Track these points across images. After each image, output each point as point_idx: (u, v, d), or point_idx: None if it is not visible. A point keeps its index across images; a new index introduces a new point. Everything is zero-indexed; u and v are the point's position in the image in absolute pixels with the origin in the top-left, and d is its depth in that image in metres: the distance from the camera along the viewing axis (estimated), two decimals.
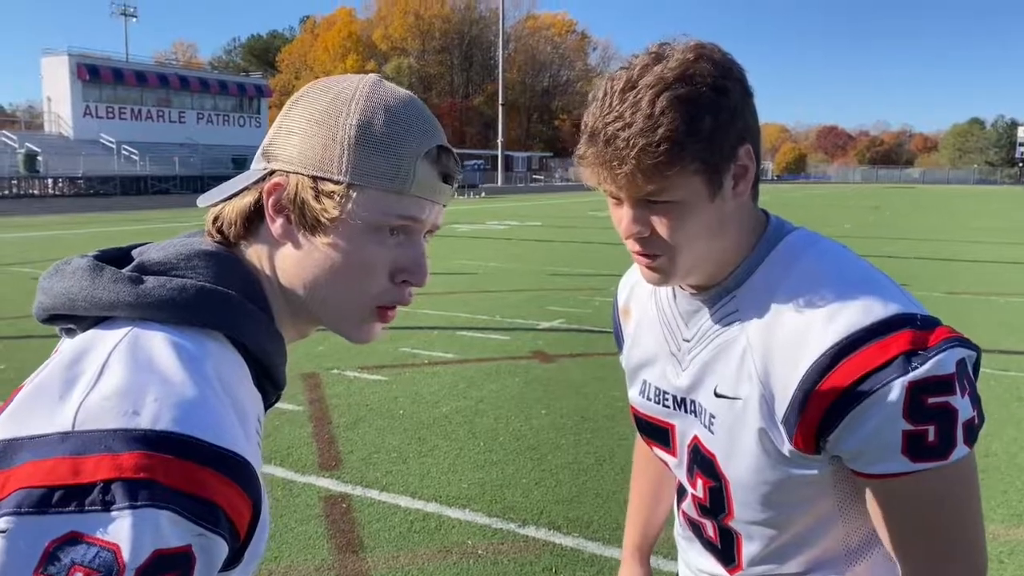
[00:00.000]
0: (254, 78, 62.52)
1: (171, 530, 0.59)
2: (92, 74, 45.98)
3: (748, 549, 1.05)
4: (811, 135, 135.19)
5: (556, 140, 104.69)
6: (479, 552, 3.11)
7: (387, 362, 6.04)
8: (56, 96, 46.36)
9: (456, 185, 0.81)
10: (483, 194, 46.63)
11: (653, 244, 0.93)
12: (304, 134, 0.76)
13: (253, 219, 0.78)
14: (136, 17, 69.81)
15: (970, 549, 0.90)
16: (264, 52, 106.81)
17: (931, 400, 0.84)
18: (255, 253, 0.79)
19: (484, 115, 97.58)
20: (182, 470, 0.60)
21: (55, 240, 16.26)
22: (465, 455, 4.13)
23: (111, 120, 46.65)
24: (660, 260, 0.94)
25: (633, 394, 1.18)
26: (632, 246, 0.95)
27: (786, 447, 0.92)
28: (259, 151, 0.82)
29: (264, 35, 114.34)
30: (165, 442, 0.60)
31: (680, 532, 1.20)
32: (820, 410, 0.88)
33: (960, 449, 0.85)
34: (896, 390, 0.83)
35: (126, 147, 43.68)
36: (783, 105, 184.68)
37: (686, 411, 1.06)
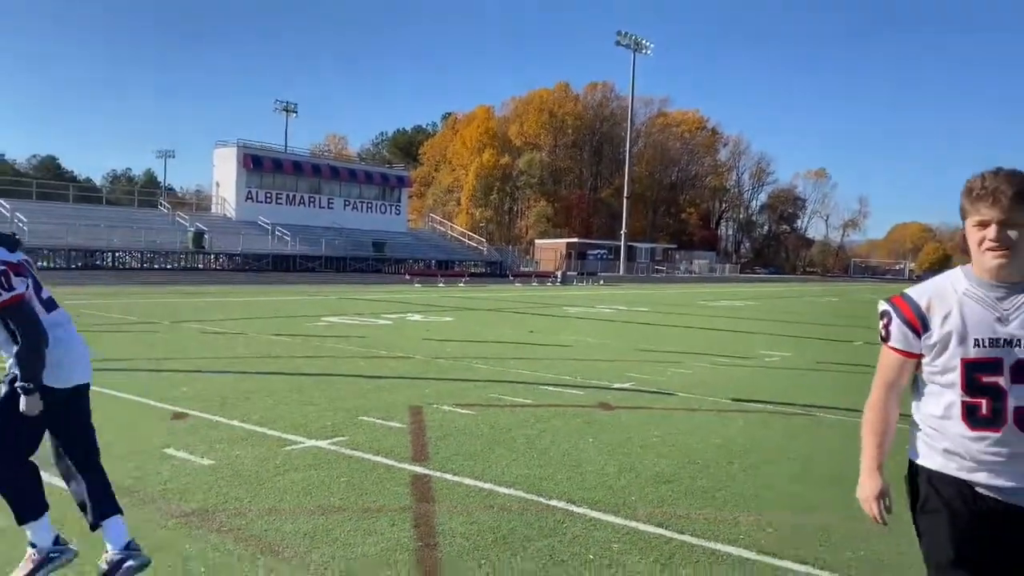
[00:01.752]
0: (396, 170, 67.46)
1: None
2: (255, 163, 51.58)
3: None
4: (956, 236, 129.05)
5: (682, 232, 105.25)
6: (512, 508, 4.34)
7: (477, 402, 7.40)
8: (224, 182, 52.16)
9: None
10: (602, 282, 47.99)
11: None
12: None
13: None
14: (296, 113, 77.55)
15: None
16: (408, 145, 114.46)
17: None
18: None
19: (611, 207, 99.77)
20: None
21: (217, 305, 18.92)
22: (520, 460, 5.39)
23: (269, 204, 51.84)
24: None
25: (964, 351, 2.00)
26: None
27: None
28: None
29: (409, 130, 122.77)
30: None
31: (964, 431, 2.01)
32: None
33: None
34: None
35: (280, 228, 48.32)
36: (927, 204, 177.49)
37: (1011, 346, 1.98)
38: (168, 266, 42.17)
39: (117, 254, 41.23)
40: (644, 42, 71.01)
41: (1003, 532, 1.99)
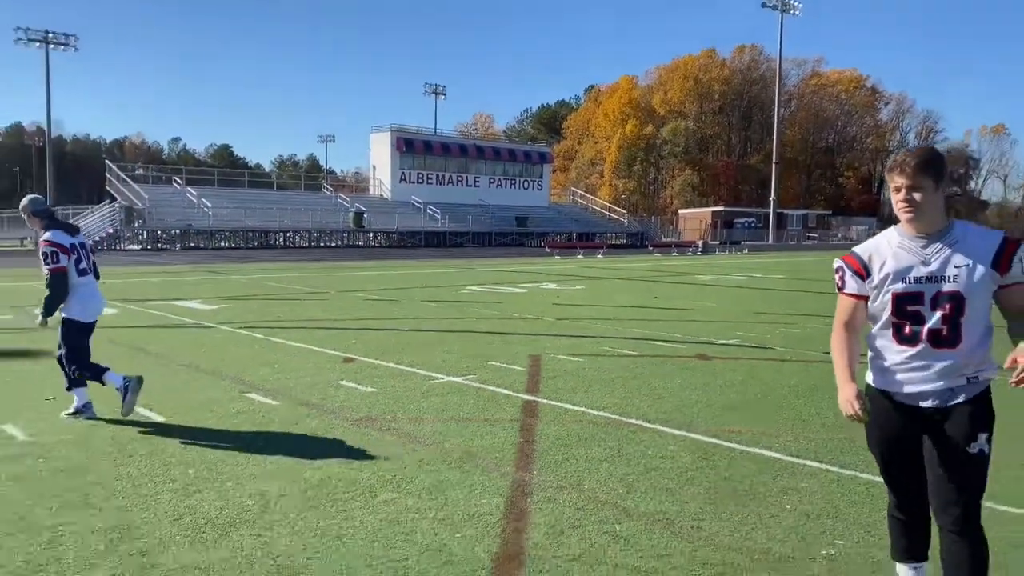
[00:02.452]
0: (538, 146, 68.90)
1: None
2: (407, 146, 54.65)
3: (967, 339, 2.58)
4: None
5: (839, 197, 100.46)
6: (596, 423, 5.56)
7: (587, 352, 8.63)
8: (379, 164, 55.65)
9: None
10: (745, 251, 47.43)
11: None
12: None
13: None
14: (444, 95, 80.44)
15: None
16: (552, 120, 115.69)
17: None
18: None
19: (760, 173, 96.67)
20: None
21: (376, 277, 21.13)
22: (613, 393, 6.58)
23: (420, 184, 54.87)
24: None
25: (895, 288, 2.63)
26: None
27: (994, 275, 2.51)
28: None
29: (552, 104, 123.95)
30: None
31: (901, 352, 2.67)
32: (1008, 258, 2.51)
33: None
34: (1022, 252, 2.50)
35: (431, 207, 51.14)
36: None
37: (938, 280, 2.56)
38: (332, 244, 45.90)
39: (287, 234, 45.33)
40: (792, 2, 68.19)
41: (908, 425, 2.72)
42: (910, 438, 2.71)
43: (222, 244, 41.79)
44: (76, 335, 5.73)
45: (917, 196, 2.60)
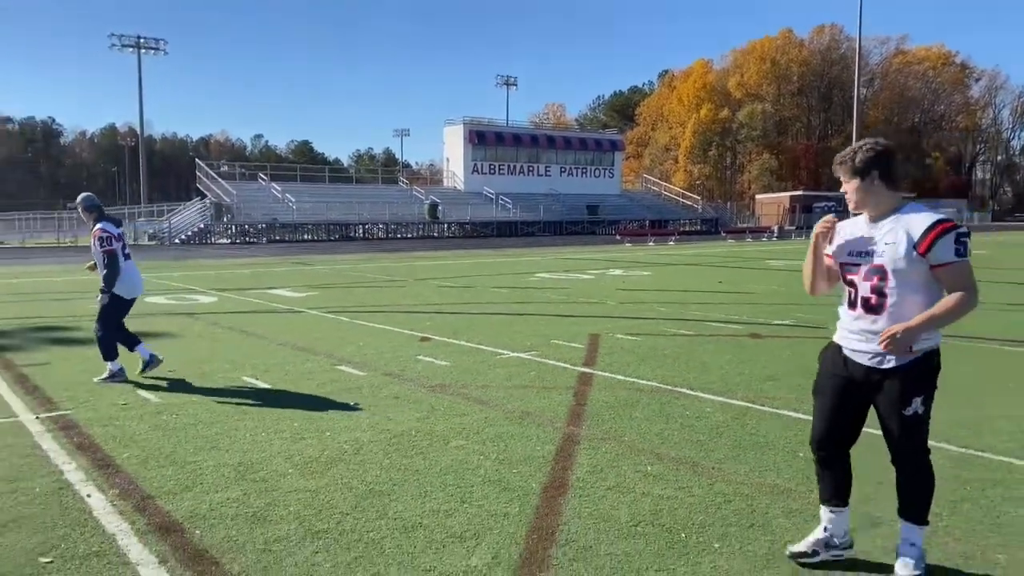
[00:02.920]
0: (609, 134, 68.94)
1: None
2: (479, 138, 55.63)
3: (895, 308, 2.99)
4: None
5: (925, 180, 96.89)
6: (643, 390, 6.22)
7: (645, 332, 9.26)
8: (453, 157, 56.85)
9: None
10: None
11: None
12: None
13: None
14: (516, 86, 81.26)
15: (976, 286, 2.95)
16: (624, 106, 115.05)
17: (960, 240, 2.89)
18: None
19: None
20: None
21: (450, 266, 22.10)
22: (663, 366, 7.21)
23: (492, 175, 55.78)
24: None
25: (842, 258, 3.12)
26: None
27: (915, 254, 2.92)
28: None
29: (625, 91, 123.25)
30: None
31: (847, 314, 3.16)
32: (930, 241, 2.89)
33: (966, 257, 2.93)
34: (953, 236, 2.88)
35: (503, 197, 52.03)
36: None
37: (869, 255, 3.02)
38: (408, 235, 47.33)
39: (366, 226, 46.95)
40: None
41: (847, 374, 3.23)
42: (848, 380, 3.17)
43: (305, 237, 43.65)
44: (115, 309, 6.89)
45: (858, 191, 3.09)
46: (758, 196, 79.54)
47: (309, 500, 3.94)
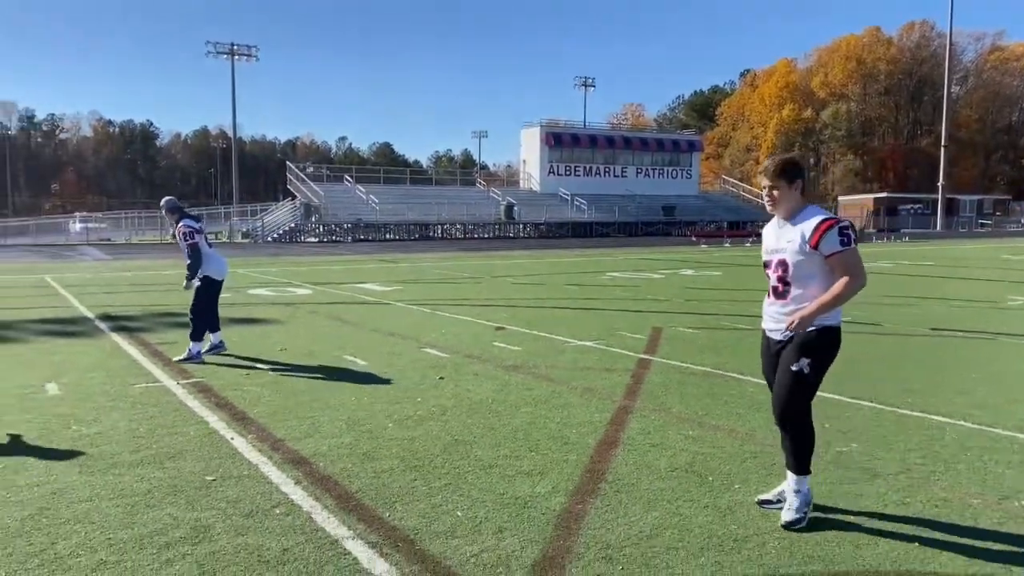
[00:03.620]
0: (687, 135, 68.70)
1: None
2: (556, 140, 56.47)
3: (796, 294, 3.63)
4: None
5: (1022, 181, 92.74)
6: (695, 373, 6.94)
7: (707, 326, 9.92)
8: (529, 159, 57.85)
9: None
10: (905, 239, 45.67)
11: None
12: None
13: None
14: (594, 87, 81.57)
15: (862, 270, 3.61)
16: (704, 106, 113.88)
17: (843, 232, 3.52)
18: None
19: (931, 157, 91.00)
20: None
21: (525, 264, 23.01)
22: (719, 355, 7.89)
23: (567, 177, 56.54)
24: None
25: (763, 255, 3.78)
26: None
27: (808, 248, 3.55)
28: None
29: (705, 91, 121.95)
30: None
31: (766, 301, 3.86)
32: (819, 236, 3.52)
33: (851, 245, 3.54)
34: (837, 230, 3.50)
35: (578, 199, 52.72)
36: None
37: (777, 251, 3.67)
38: (485, 235, 48.54)
39: (444, 226, 48.41)
40: None
41: (770, 350, 3.87)
42: (772, 356, 3.82)
43: (387, 236, 45.34)
44: (207, 290, 7.98)
45: (775, 193, 3.63)
46: (840, 198, 77.80)
47: (406, 446, 4.86)
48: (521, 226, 50.24)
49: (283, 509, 3.83)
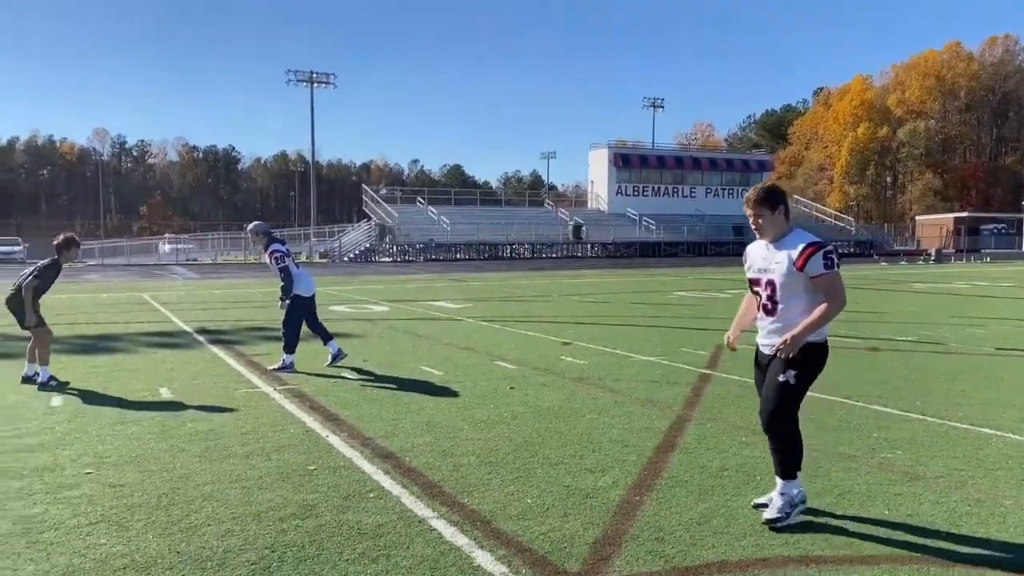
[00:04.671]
0: (757, 154, 68.12)
1: None
2: (624, 161, 56.82)
3: (783, 311, 3.92)
4: None
5: None
6: (748, 386, 7.27)
7: None
8: (597, 179, 58.32)
9: None
10: (987, 259, 44.27)
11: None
12: None
13: None
14: (662, 107, 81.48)
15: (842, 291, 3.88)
16: (776, 126, 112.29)
17: (827, 256, 3.79)
18: None
19: (1017, 175, 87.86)
20: None
21: (592, 284, 23.42)
22: None
23: (636, 197, 56.75)
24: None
25: (750, 275, 4.03)
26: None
27: (795, 270, 3.79)
28: None
29: (777, 109, 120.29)
30: None
31: (758, 317, 4.58)
32: (804, 259, 3.80)
33: (834, 269, 3.81)
34: (821, 254, 3.77)
35: (646, 219, 52.86)
36: None
37: (766, 271, 3.93)
38: (553, 255, 49.13)
39: (513, 246, 49.21)
40: None
41: (761, 362, 4.08)
42: (763, 370, 4.10)
43: (458, 256, 46.36)
44: (298, 308, 8.49)
45: (760, 221, 3.90)
46: (918, 217, 75.63)
47: (481, 444, 5.39)
48: (589, 246, 50.64)
49: (376, 494, 4.40)
